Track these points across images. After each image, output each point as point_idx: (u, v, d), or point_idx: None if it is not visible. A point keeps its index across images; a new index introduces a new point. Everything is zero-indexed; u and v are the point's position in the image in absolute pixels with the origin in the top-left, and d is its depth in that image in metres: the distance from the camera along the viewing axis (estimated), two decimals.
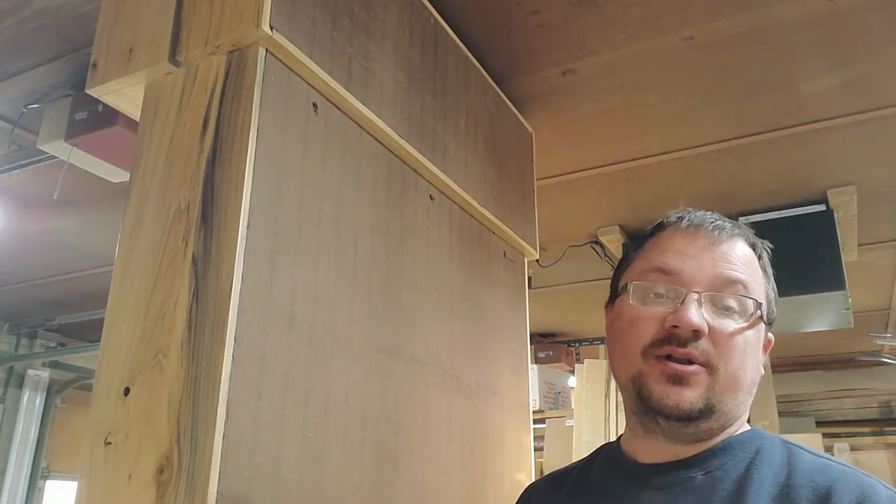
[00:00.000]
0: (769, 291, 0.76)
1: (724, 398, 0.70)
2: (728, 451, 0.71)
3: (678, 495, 0.69)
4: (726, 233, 0.75)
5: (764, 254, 0.78)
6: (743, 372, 0.71)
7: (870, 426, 4.80)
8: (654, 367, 0.71)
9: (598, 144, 2.07)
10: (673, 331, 0.70)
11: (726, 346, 0.70)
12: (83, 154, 1.78)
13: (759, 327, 0.73)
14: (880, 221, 2.54)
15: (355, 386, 1.04)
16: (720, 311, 0.71)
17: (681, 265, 0.73)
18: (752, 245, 0.77)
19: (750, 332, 0.71)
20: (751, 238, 0.78)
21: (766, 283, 0.76)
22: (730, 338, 0.70)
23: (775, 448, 0.71)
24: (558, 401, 3.96)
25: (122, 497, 0.81)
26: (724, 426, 0.72)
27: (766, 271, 0.77)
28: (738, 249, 0.74)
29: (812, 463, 0.68)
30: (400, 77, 1.26)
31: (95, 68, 1.07)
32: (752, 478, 0.67)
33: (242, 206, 0.87)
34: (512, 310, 1.64)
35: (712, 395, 0.69)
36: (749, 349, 0.71)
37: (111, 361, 0.90)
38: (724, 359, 0.70)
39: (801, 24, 1.54)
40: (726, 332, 0.70)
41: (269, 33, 0.93)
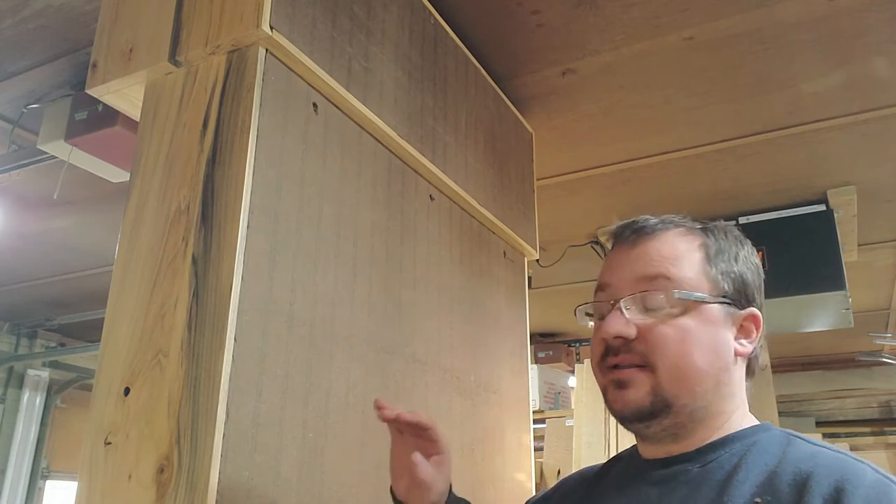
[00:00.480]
0: (716, 271, 0.74)
1: (678, 392, 0.70)
2: (726, 444, 0.71)
3: (674, 488, 0.70)
4: (646, 232, 0.76)
5: (710, 235, 0.76)
6: (687, 361, 0.70)
7: (870, 426, 4.80)
8: (606, 378, 0.74)
9: (598, 144, 2.07)
10: (606, 342, 0.73)
11: (657, 342, 0.70)
12: (83, 154, 1.78)
13: (700, 312, 0.71)
14: (880, 221, 2.54)
15: (355, 386, 1.04)
16: (648, 310, 0.72)
17: (608, 279, 0.76)
18: (690, 231, 0.76)
19: (686, 320, 0.70)
20: (687, 225, 0.77)
21: (707, 264, 0.74)
22: (658, 332, 0.70)
23: (774, 439, 0.71)
24: (558, 401, 3.96)
25: (122, 497, 0.81)
26: (703, 420, 0.71)
27: (712, 253, 0.75)
28: (658, 245, 0.75)
29: (803, 451, 0.67)
30: (400, 77, 1.26)
31: (95, 68, 1.07)
32: (742, 467, 0.67)
33: (242, 206, 0.87)
34: (512, 310, 1.64)
35: (660, 391, 0.70)
36: (690, 337, 0.70)
37: (111, 361, 0.90)
38: (658, 354, 0.70)
39: (801, 24, 1.54)
40: (656, 329, 0.71)
41: (269, 33, 0.93)
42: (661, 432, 0.72)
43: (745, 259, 0.77)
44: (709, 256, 0.74)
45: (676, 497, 0.69)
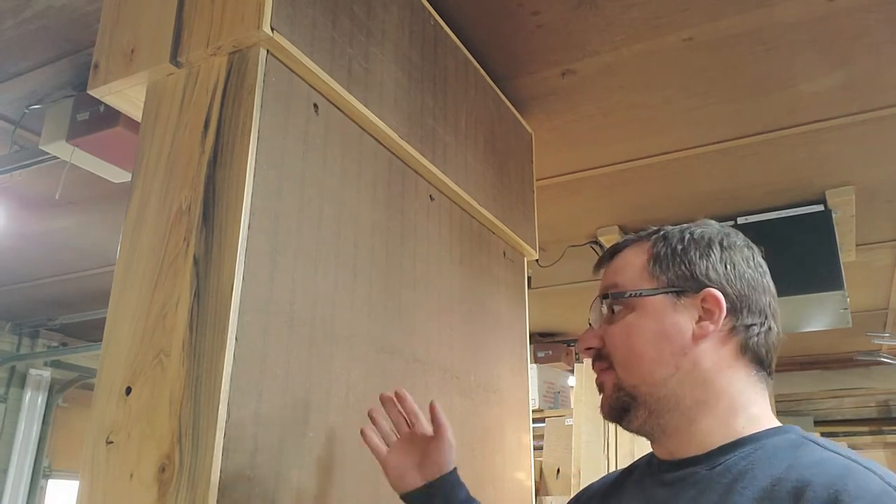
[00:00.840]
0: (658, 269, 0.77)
1: (634, 381, 0.74)
2: (737, 447, 0.70)
3: (681, 489, 0.71)
4: (610, 253, 0.83)
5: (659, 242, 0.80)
6: (634, 351, 0.75)
7: (868, 426, 4.80)
8: None
9: (597, 145, 2.07)
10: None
11: (609, 342, 0.78)
12: (85, 154, 1.78)
13: (643, 307, 0.76)
14: (878, 221, 2.54)
15: (355, 385, 1.04)
16: (606, 320, 0.79)
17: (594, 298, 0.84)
18: (639, 241, 0.82)
19: (630, 317, 0.76)
20: (639, 240, 0.82)
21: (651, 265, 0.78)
22: (610, 334, 0.78)
23: (786, 443, 0.69)
24: (558, 400, 3.96)
25: (123, 496, 0.82)
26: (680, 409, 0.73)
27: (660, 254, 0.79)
28: (614, 262, 0.82)
29: (812, 458, 0.66)
30: (400, 78, 1.26)
31: (97, 69, 1.08)
32: (749, 472, 0.67)
33: (243, 207, 0.87)
34: (512, 309, 1.64)
35: (622, 386, 0.75)
36: (634, 329, 0.75)
37: (113, 361, 0.90)
38: (612, 352, 0.77)
39: (800, 24, 1.54)
40: (610, 331, 0.78)
41: (269, 34, 0.94)
42: (645, 427, 0.75)
43: (696, 247, 0.78)
44: (653, 257, 0.79)
45: (684, 498, 0.69)
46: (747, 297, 0.76)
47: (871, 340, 3.87)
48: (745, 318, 0.75)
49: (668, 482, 0.73)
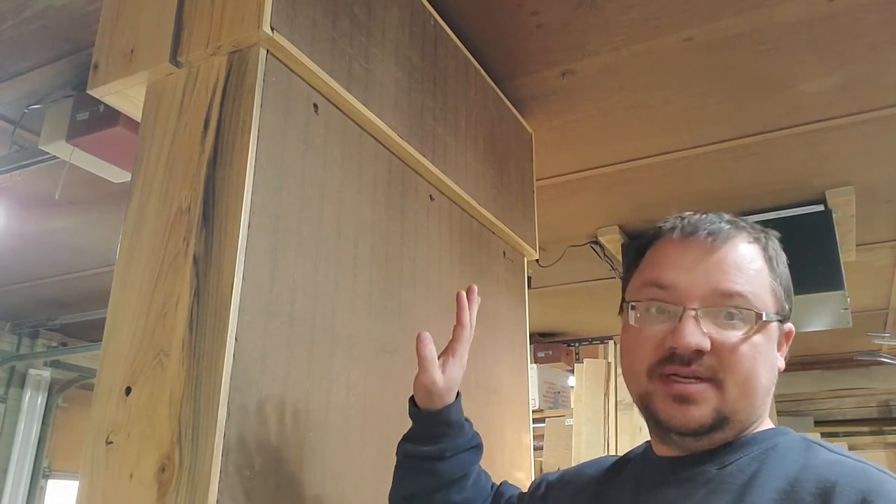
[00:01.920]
0: (778, 286, 0.73)
1: (738, 408, 0.69)
2: (745, 446, 0.70)
3: (690, 489, 0.69)
4: (721, 238, 0.73)
5: (770, 244, 0.75)
6: (754, 379, 0.69)
7: (868, 426, 4.80)
8: (658, 386, 0.70)
9: (597, 145, 2.07)
10: (673, 351, 0.69)
11: (731, 358, 0.68)
12: (84, 154, 1.78)
13: (766, 330, 0.70)
14: (878, 221, 2.54)
15: (355, 385, 1.04)
16: (722, 323, 0.69)
17: (675, 280, 0.72)
18: (755, 239, 0.74)
19: (757, 338, 0.69)
20: (752, 233, 0.75)
21: (772, 279, 0.73)
22: (734, 349, 0.68)
23: (794, 445, 0.69)
24: (558, 400, 3.97)
25: (123, 496, 0.81)
26: (741, 431, 0.71)
27: (774, 263, 0.74)
28: (733, 254, 0.72)
29: (825, 459, 0.66)
30: (400, 78, 1.26)
31: (97, 69, 1.08)
32: (762, 472, 0.66)
33: (243, 207, 0.87)
34: (511, 310, 1.64)
35: (724, 408, 0.68)
36: (759, 355, 0.69)
37: (113, 361, 0.90)
38: (730, 371, 0.68)
39: (800, 25, 1.54)
40: (730, 345, 0.68)
41: (269, 34, 0.94)
42: (706, 444, 0.70)
43: (787, 268, 0.76)
44: (772, 268, 0.74)
45: (695, 498, 0.68)
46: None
47: (872, 340, 3.87)
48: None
49: (674, 480, 0.71)
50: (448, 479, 0.86)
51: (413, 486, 0.88)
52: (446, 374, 0.86)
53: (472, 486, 0.89)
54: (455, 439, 0.87)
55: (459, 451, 0.87)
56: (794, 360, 4.73)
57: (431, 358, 0.86)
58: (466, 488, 0.88)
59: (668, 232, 0.77)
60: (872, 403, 4.87)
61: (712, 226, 0.74)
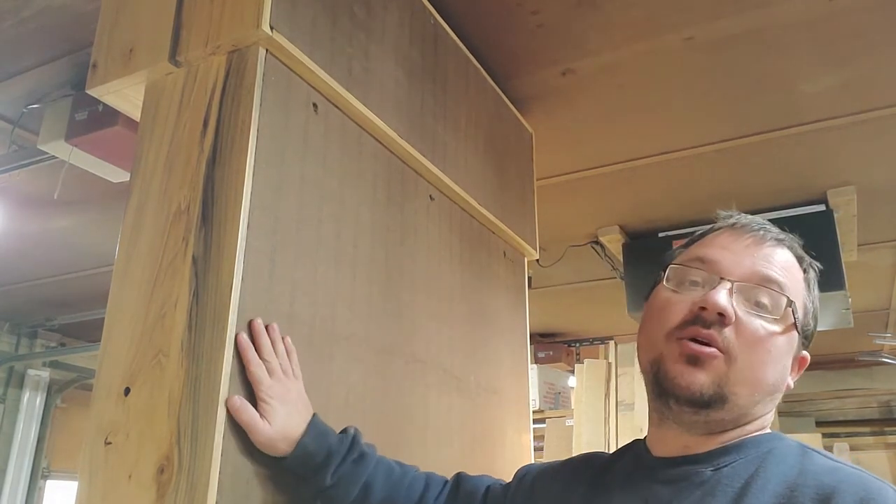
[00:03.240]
0: (808, 305, 0.76)
1: (738, 390, 0.69)
2: (741, 449, 0.70)
3: (685, 489, 0.69)
4: (772, 237, 0.76)
5: (811, 270, 0.78)
6: (762, 369, 0.70)
7: (870, 426, 4.80)
8: (674, 347, 0.71)
9: (597, 144, 2.07)
10: (700, 312, 0.71)
11: (750, 339, 0.70)
12: (83, 154, 1.78)
13: (790, 334, 0.72)
14: (880, 221, 2.54)
15: (355, 386, 1.04)
16: (751, 306, 0.72)
17: (720, 256, 0.75)
18: (799, 258, 0.78)
19: (780, 336, 0.71)
20: (798, 251, 0.78)
21: (806, 295, 0.76)
22: (754, 332, 0.70)
23: (790, 450, 0.70)
24: (558, 401, 3.96)
25: (122, 497, 0.81)
26: (737, 421, 0.71)
27: (810, 286, 0.77)
28: (781, 254, 0.75)
29: (823, 465, 0.67)
30: (400, 77, 1.26)
31: (96, 68, 1.08)
32: (759, 476, 0.67)
33: (242, 207, 0.87)
34: (512, 310, 1.64)
35: (725, 384, 0.69)
36: (775, 350, 0.71)
37: (111, 361, 0.90)
38: (744, 350, 0.70)
39: (801, 24, 1.54)
40: (753, 328, 0.70)
41: (269, 33, 0.93)
42: (702, 423, 0.71)
43: (818, 306, 0.79)
44: (809, 289, 0.77)
45: (690, 499, 0.68)
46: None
47: (873, 341, 3.87)
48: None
49: (668, 480, 0.71)
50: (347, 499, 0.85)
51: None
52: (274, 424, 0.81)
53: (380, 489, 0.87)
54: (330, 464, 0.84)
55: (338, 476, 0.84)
56: None
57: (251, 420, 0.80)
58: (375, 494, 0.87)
59: (725, 220, 0.81)
60: (874, 404, 4.87)
61: (766, 225, 0.79)
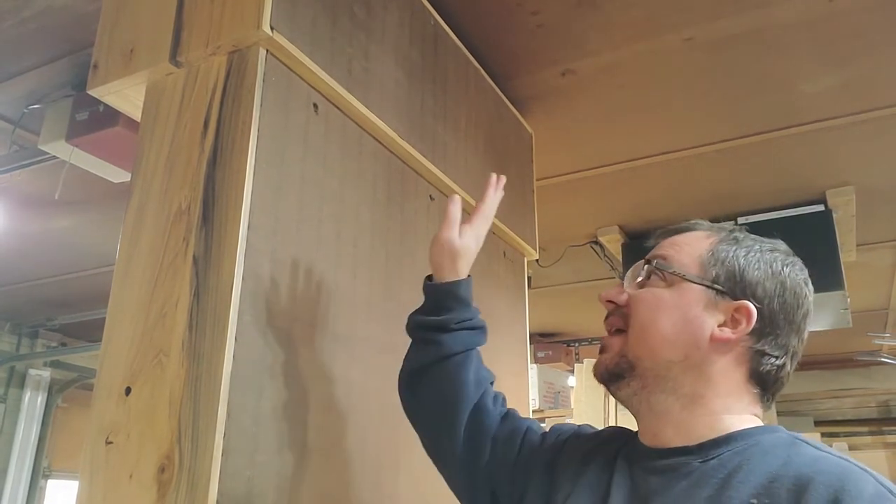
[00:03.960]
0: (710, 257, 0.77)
1: (640, 353, 0.75)
2: (729, 442, 0.71)
3: (672, 479, 0.70)
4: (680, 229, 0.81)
5: (727, 238, 0.79)
6: (653, 326, 0.75)
7: (868, 426, 4.80)
8: None
9: (597, 144, 2.07)
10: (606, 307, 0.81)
11: (634, 306, 0.77)
12: (84, 154, 1.78)
13: (680, 289, 0.75)
14: (879, 222, 2.54)
15: (355, 385, 1.04)
16: (640, 283, 0.79)
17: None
18: (716, 231, 0.80)
19: (663, 292, 0.76)
20: (715, 228, 0.81)
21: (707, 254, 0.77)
22: (639, 299, 0.77)
23: (779, 441, 0.70)
24: (558, 400, 3.96)
25: (123, 496, 0.81)
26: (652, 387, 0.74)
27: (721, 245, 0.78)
28: (680, 237, 0.80)
29: (808, 455, 0.67)
30: (400, 77, 1.26)
31: (96, 69, 1.08)
32: (743, 468, 0.67)
33: (243, 207, 0.87)
34: (511, 310, 1.64)
35: (626, 351, 0.75)
36: (662, 305, 0.75)
37: (112, 361, 0.90)
38: (632, 317, 0.77)
39: (800, 25, 1.54)
40: (638, 296, 0.77)
41: (269, 34, 0.94)
42: (633, 399, 0.76)
43: (758, 260, 0.77)
44: (713, 249, 0.78)
45: (676, 489, 0.69)
46: (779, 328, 0.75)
47: (872, 341, 3.87)
48: (765, 346, 0.74)
49: (657, 470, 0.72)
50: (449, 351, 0.91)
51: (418, 358, 0.93)
52: (462, 239, 0.95)
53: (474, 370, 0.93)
54: (460, 313, 0.93)
55: (463, 326, 0.93)
56: None
57: (455, 218, 0.96)
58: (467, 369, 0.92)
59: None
60: (872, 403, 4.87)
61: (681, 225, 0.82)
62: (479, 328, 0.96)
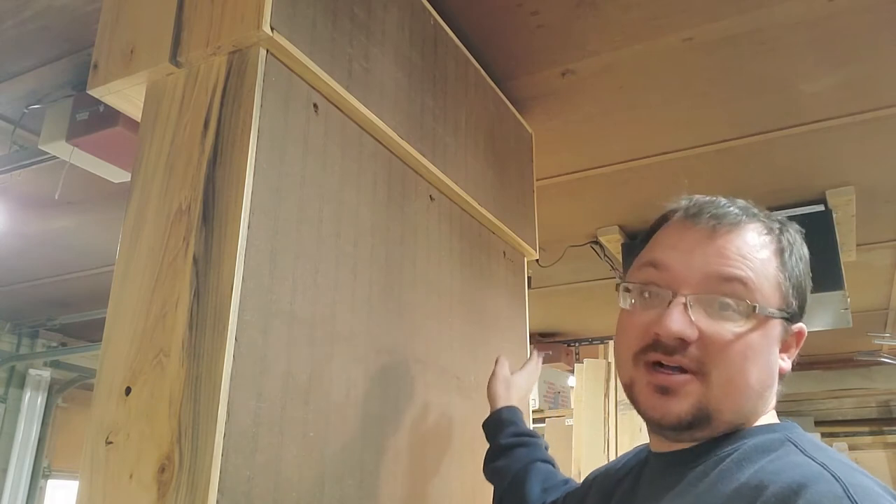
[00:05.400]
0: (785, 280, 0.68)
1: (722, 406, 0.65)
2: (728, 440, 0.67)
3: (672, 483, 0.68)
4: (726, 223, 0.68)
5: (785, 235, 0.70)
6: (742, 377, 0.64)
7: (868, 426, 4.80)
8: (643, 374, 0.68)
9: (597, 144, 2.07)
10: (657, 338, 0.66)
11: (720, 352, 0.64)
12: (84, 154, 1.78)
13: (765, 327, 0.66)
14: (879, 222, 2.54)
15: (355, 386, 1.04)
16: (715, 313, 0.65)
17: (671, 260, 0.68)
18: (768, 230, 0.70)
19: (752, 335, 0.65)
20: (766, 223, 0.70)
21: (780, 271, 0.68)
22: (724, 343, 0.64)
23: (765, 444, 0.65)
24: (558, 400, 3.96)
25: (123, 497, 0.81)
26: (728, 430, 0.67)
27: (785, 255, 0.69)
28: (738, 241, 0.67)
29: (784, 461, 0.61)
30: (400, 78, 1.26)
31: (97, 69, 1.08)
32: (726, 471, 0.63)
33: (243, 207, 0.87)
34: (512, 310, 1.64)
35: (707, 404, 0.65)
36: (752, 353, 0.65)
37: (112, 361, 0.90)
38: (717, 365, 0.64)
39: (800, 24, 1.54)
40: (720, 338, 0.64)
41: (269, 34, 0.94)
42: (689, 439, 0.68)
43: (806, 264, 0.71)
44: (783, 264, 0.68)
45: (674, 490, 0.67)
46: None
47: (872, 340, 3.87)
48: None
49: (662, 475, 0.71)
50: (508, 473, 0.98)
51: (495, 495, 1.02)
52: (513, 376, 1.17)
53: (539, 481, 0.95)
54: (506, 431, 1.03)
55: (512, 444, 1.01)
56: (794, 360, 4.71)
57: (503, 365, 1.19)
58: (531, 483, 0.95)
59: (673, 213, 0.74)
60: (872, 404, 4.87)
61: (719, 209, 0.70)
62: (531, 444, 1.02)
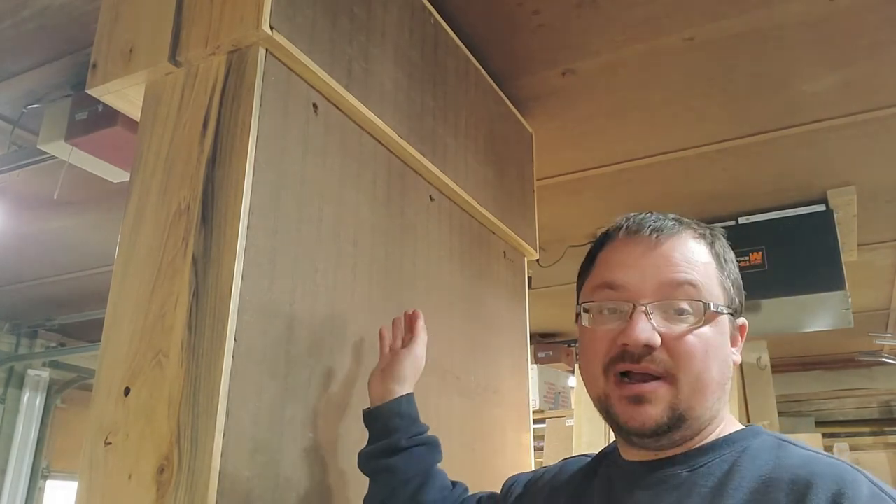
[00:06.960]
0: (726, 279, 0.73)
1: (693, 404, 0.68)
2: (716, 448, 0.69)
3: (661, 492, 0.68)
4: (665, 233, 0.73)
5: (717, 241, 0.75)
6: (707, 373, 0.68)
7: (870, 426, 4.79)
8: (615, 387, 0.70)
9: (598, 144, 2.07)
10: (625, 348, 0.69)
11: (684, 353, 0.68)
12: (83, 154, 1.78)
13: (717, 322, 0.70)
14: (880, 221, 2.54)
15: (355, 385, 1.04)
16: (672, 317, 0.69)
17: (625, 278, 0.72)
18: (701, 235, 0.74)
19: (707, 331, 0.69)
20: (698, 230, 0.75)
21: (720, 273, 0.73)
22: (685, 343, 0.68)
23: (765, 444, 0.69)
24: (558, 401, 3.96)
25: (122, 497, 0.81)
26: (699, 429, 0.70)
27: (721, 257, 0.74)
28: (680, 248, 0.72)
29: (799, 456, 0.66)
30: (400, 77, 1.26)
31: (95, 68, 1.08)
32: (734, 473, 0.66)
33: (242, 206, 0.87)
34: (512, 310, 1.64)
35: (678, 405, 0.67)
36: (711, 349, 0.69)
37: (111, 361, 0.90)
38: (683, 366, 0.68)
39: (801, 24, 1.54)
40: (682, 339, 0.68)
41: (269, 33, 0.93)
42: (667, 444, 0.70)
43: (736, 265, 0.76)
44: (720, 264, 0.73)
45: (667, 501, 0.67)
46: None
47: (873, 341, 3.87)
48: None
49: (647, 485, 0.70)
50: (405, 475, 0.88)
51: (377, 493, 0.91)
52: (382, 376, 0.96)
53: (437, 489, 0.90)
54: (408, 429, 0.91)
55: (415, 442, 0.90)
56: (795, 361, 4.72)
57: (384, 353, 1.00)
58: (430, 490, 0.89)
59: (615, 232, 0.77)
60: (873, 404, 4.86)
61: (657, 223, 0.74)
62: (432, 444, 0.93)
